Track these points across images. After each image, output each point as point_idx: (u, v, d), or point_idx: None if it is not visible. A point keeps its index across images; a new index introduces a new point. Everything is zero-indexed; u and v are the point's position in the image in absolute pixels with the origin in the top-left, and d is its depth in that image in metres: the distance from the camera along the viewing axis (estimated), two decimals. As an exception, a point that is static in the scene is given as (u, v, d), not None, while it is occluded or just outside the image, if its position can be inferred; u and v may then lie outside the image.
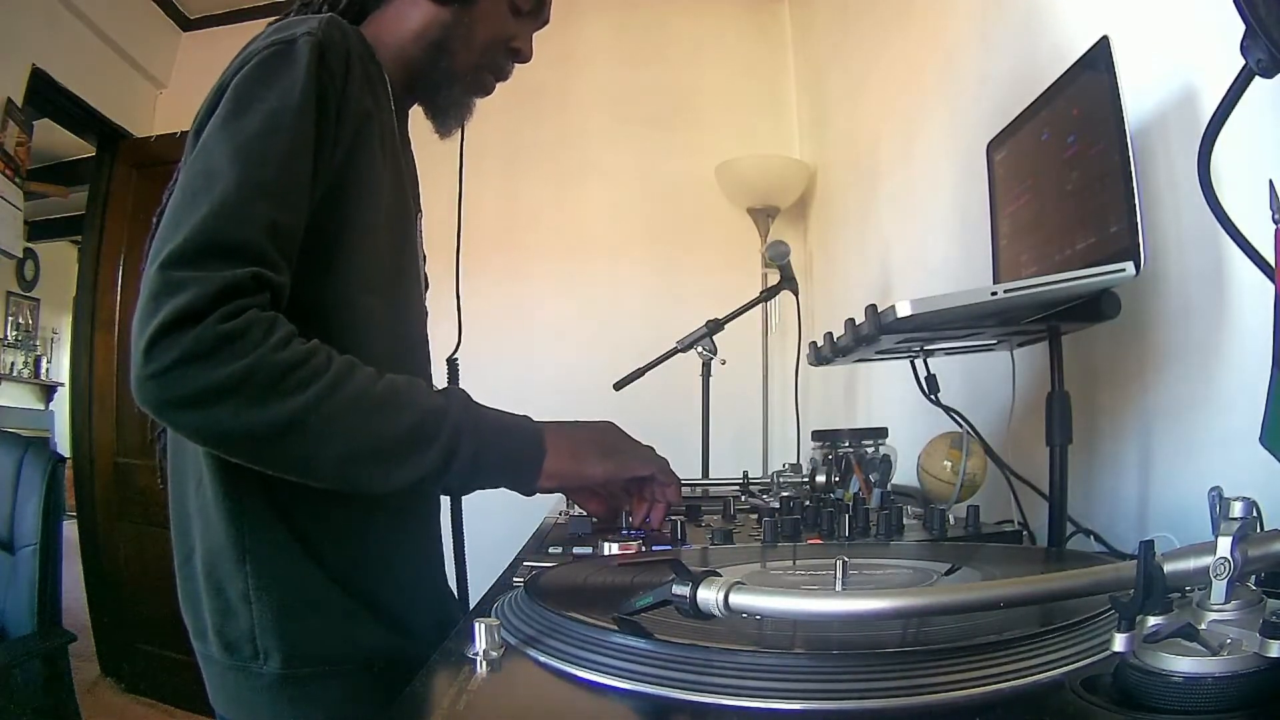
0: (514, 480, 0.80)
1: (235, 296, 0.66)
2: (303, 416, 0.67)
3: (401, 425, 0.72)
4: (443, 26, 0.89)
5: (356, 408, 0.70)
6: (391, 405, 0.72)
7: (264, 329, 0.67)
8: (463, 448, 0.74)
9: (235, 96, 0.73)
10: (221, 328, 0.64)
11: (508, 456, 0.78)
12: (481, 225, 2.86)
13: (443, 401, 0.75)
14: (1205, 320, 0.87)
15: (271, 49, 0.74)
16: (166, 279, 0.65)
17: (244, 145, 0.70)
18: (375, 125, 0.81)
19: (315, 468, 0.70)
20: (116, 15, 2.99)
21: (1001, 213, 1.12)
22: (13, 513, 1.71)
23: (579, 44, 3.10)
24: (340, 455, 0.70)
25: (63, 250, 6.59)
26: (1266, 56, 0.57)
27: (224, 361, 0.64)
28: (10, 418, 5.95)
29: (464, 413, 0.75)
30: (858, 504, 1.00)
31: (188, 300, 0.64)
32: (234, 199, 0.68)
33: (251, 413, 0.66)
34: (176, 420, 0.67)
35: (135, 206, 3.03)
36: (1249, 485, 0.48)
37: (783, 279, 1.92)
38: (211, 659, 0.78)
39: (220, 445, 0.70)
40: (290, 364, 0.67)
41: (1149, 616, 0.35)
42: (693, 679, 0.41)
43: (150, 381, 0.64)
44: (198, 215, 0.67)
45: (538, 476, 0.80)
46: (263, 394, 0.66)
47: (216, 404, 0.65)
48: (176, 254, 0.66)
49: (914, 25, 1.83)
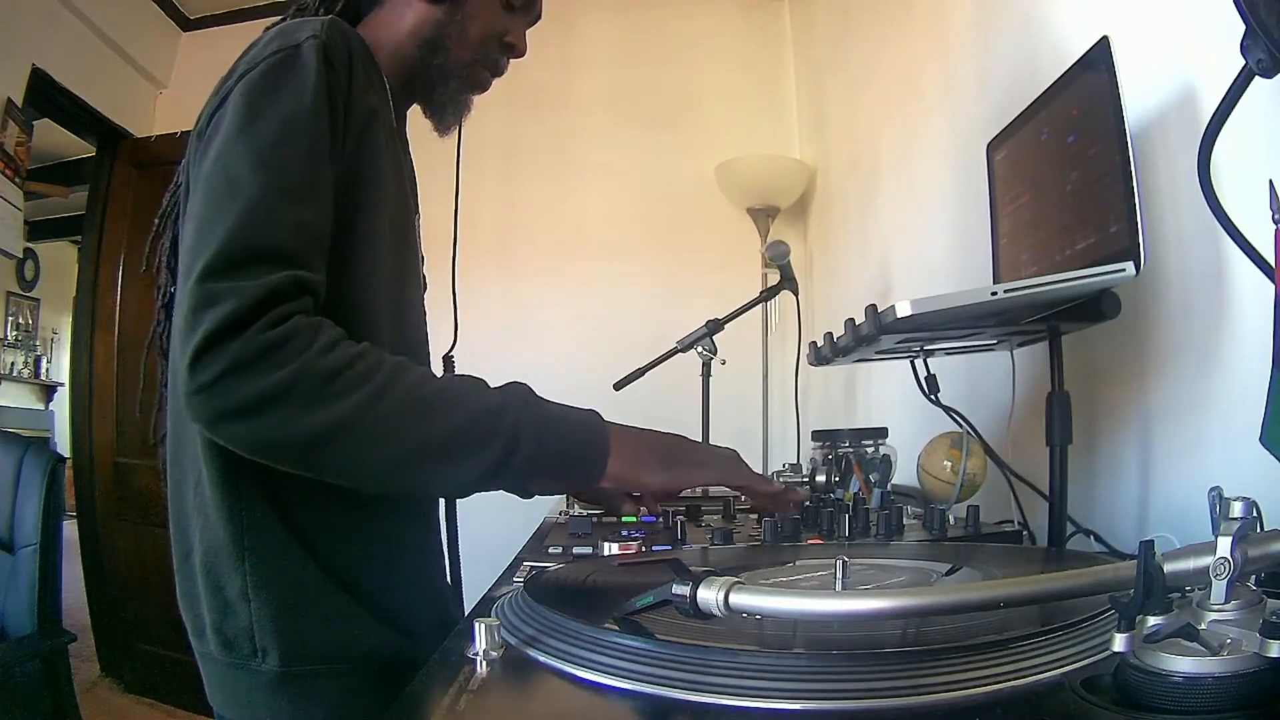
0: (576, 477, 0.78)
1: (276, 303, 0.65)
2: (353, 420, 0.66)
3: (456, 424, 0.70)
4: (436, 24, 0.90)
5: (408, 409, 0.69)
6: (445, 404, 0.71)
7: (309, 334, 0.66)
8: (523, 444, 0.71)
9: (247, 105, 0.72)
10: (265, 336, 0.64)
11: (570, 452, 0.76)
12: (481, 225, 2.87)
13: (500, 398, 0.73)
14: (1205, 320, 0.87)
15: (278, 55, 0.74)
16: (204, 292, 0.65)
17: (263, 152, 0.70)
18: (379, 124, 0.82)
19: (370, 472, 0.69)
20: (116, 15, 2.98)
21: (1001, 212, 1.12)
22: (13, 513, 1.71)
23: (578, 44, 3.10)
24: (395, 458, 0.69)
25: (63, 250, 6.59)
26: (1266, 56, 0.57)
27: (269, 369, 0.64)
28: (10, 418, 5.94)
29: (524, 408, 0.73)
30: (858, 504, 1.00)
31: (228, 311, 0.63)
32: (261, 205, 0.68)
33: (301, 419, 0.65)
34: (229, 433, 0.66)
35: (135, 206, 3.03)
36: (1249, 485, 0.48)
37: (783, 279, 1.92)
38: (210, 657, 0.78)
39: (274, 455, 0.68)
40: (337, 367, 0.66)
41: (1149, 616, 0.35)
42: (693, 679, 0.41)
43: (198, 396, 0.64)
44: (227, 225, 0.67)
45: (601, 474, 0.77)
46: (311, 399, 0.65)
47: (266, 413, 0.64)
48: (210, 266, 0.65)
49: (914, 26, 1.83)
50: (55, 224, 5.80)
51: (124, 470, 3.01)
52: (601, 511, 1.17)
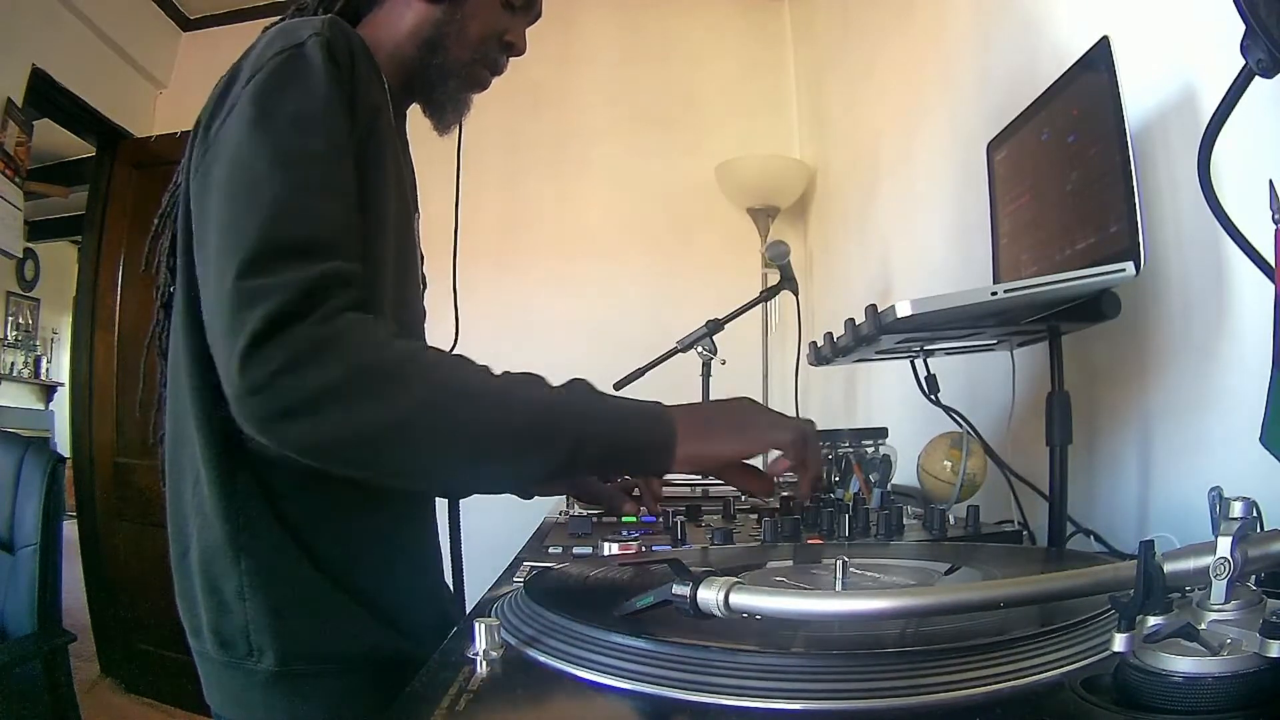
0: (646, 465, 0.76)
1: (322, 295, 0.63)
2: (415, 416, 0.64)
3: (522, 418, 0.68)
4: (435, 24, 0.89)
5: (473, 402, 0.67)
6: (510, 398, 0.68)
7: (364, 329, 0.64)
8: (589, 436, 0.69)
9: (258, 107, 0.70)
10: (319, 330, 0.62)
11: (637, 441, 0.73)
12: (480, 224, 2.86)
13: (564, 392, 0.72)
14: (1205, 320, 0.87)
15: (282, 54, 0.73)
16: (244, 290, 0.62)
17: (282, 151, 0.68)
18: (382, 122, 0.81)
19: (434, 469, 0.68)
20: (116, 15, 2.98)
21: (1001, 213, 1.12)
22: (13, 513, 1.71)
23: (579, 43, 3.10)
24: (460, 453, 0.67)
25: (63, 250, 6.59)
26: (1266, 56, 0.57)
27: (325, 365, 0.61)
28: (10, 418, 5.94)
29: (589, 400, 0.72)
30: (858, 504, 1.00)
31: (274, 307, 0.61)
32: (288, 199, 0.66)
33: (361, 415, 0.62)
34: (284, 435, 0.63)
35: (135, 206, 3.02)
36: (1249, 485, 0.48)
37: (783, 279, 1.92)
38: (207, 656, 0.78)
39: (332, 456, 0.65)
40: (397, 361, 0.64)
41: (1149, 616, 0.35)
42: (693, 679, 0.41)
43: (250, 399, 0.61)
44: (257, 222, 0.65)
45: (671, 459, 0.74)
46: (372, 395, 0.63)
47: (323, 410, 0.62)
48: (247, 263, 0.63)
49: (914, 25, 1.83)
50: (55, 224, 5.80)
51: (124, 470, 3.01)
52: (601, 511, 1.17)
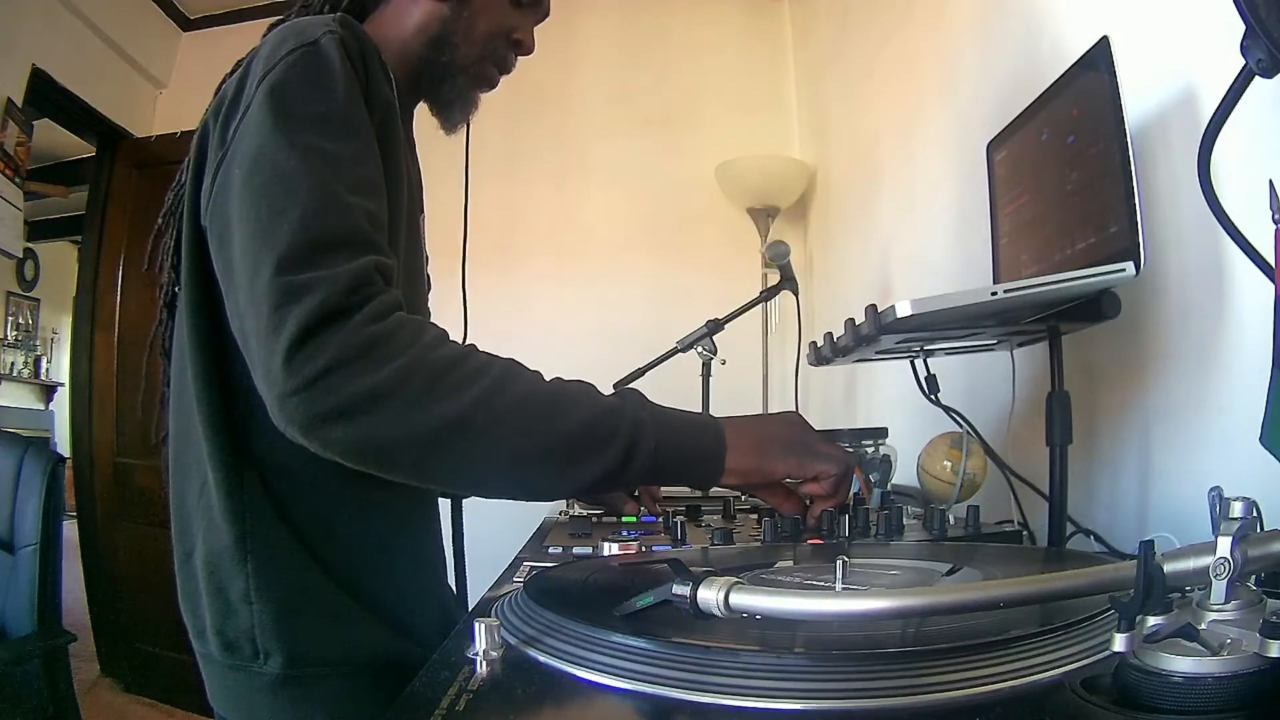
0: (696, 476, 0.75)
1: (367, 289, 0.62)
2: (470, 417, 0.62)
3: (577, 422, 0.67)
4: (442, 21, 0.89)
5: (527, 406, 0.65)
6: (565, 402, 0.67)
7: (415, 328, 0.63)
8: (643, 444, 0.69)
9: (277, 105, 0.68)
10: (371, 329, 0.60)
11: (689, 451, 0.73)
12: (481, 224, 2.85)
13: (618, 400, 0.71)
14: (1205, 320, 0.87)
15: (296, 52, 0.71)
16: (286, 285, 0.60)
17: (310, 147, 0.67)
18: (393, 120, 0.81)
19: (486, 473, 0.66)
20: (116, 15, 2.98)
21: (1001, 212, 1.12)
22: (13, 513, 1.71)
23: (579, 44, 3.10)
24: (513, 457, 0.65)
25: (63, 250, 6.59)
26: (1266, 56, 0.57)
27: (377, 363, 0.60)
28: (10, 418, 5.95)
29: (642, 409, 0.71)
30: (858, 504, 1.00)
31: (320, 301, 0.60)
32: (323, 193, 0.65)
33: (413, 417, 0.61)
34: (330, 437, 0.61)
35: (135, 206, 3.03)
36: (1249, 485, 0.48)
37: (783, 279, 1.92)
38: (211, 658, 0.78)
39: (379, 459, 0.63)
40: (450, 362, 0.63)
41: (1149, 616, 0.35)
42: (693, 679, 0.41)
43: (296, 397, 0.59)
44: (293, 216, 0.63)
45: (721, 472, 0.75)
46: (424, 395, 0.61)
47: (374, 411, 0.60)
48: (287, 257, 0.61)
49: (914, 25, 1.83)
50: (55, 224, 5.80)
51: (124, 470, 3.01)
52: (602, 511, 1.17)
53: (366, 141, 0.72)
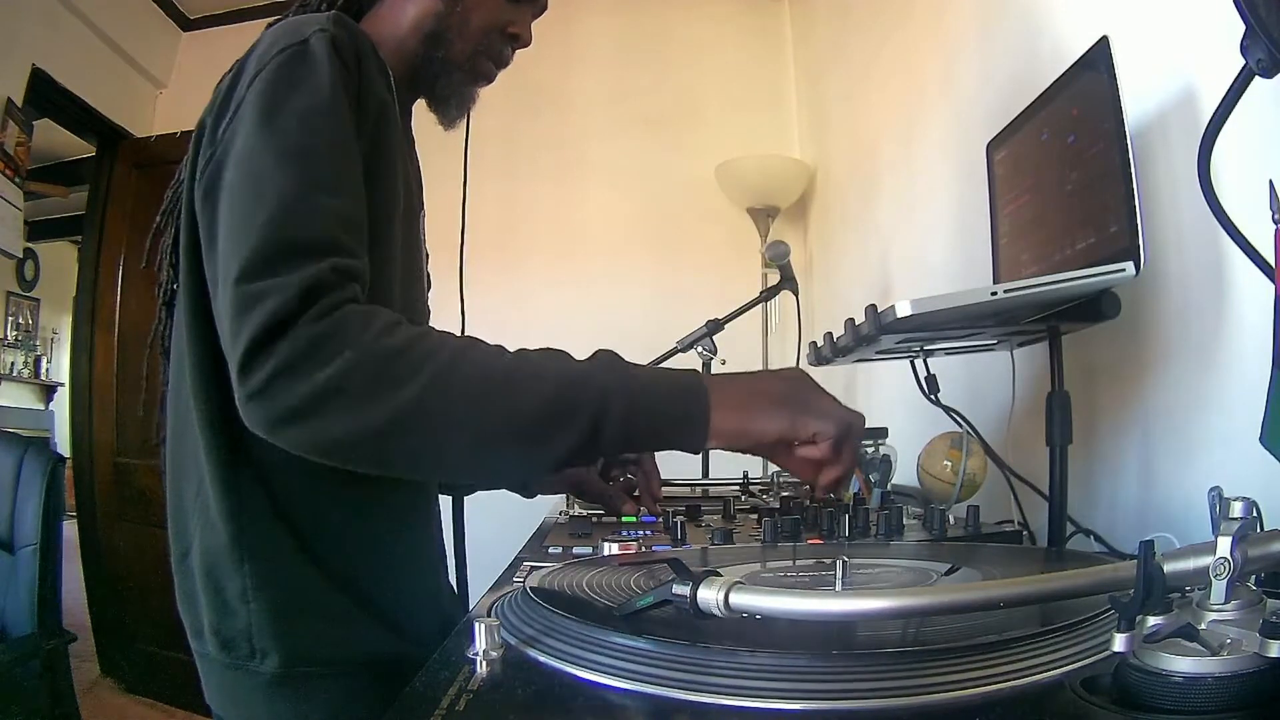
0: (678, 440, 0.70)
1: (321, 294, 0.62)
2: (421, 404, 0.62)
3: (537, 397, 0.65)
4: (436, 16, 0.89)
5: (482, 386, 0.64)
6: (524, 378, 0.65)
7: (361, 320, 0.63)
8: (611, 412, 0.66)
9: (263, 105, 0.69)
10: (313, 329, 0.61)
11: (666, 415, 0.69)
12: (481, 224, 2.84)
13: (585, 365, 0.68)
14: (1205, 320, 0.87)
15: (286, 52, 0.72)
16: (243, 294, 0.62)
17: (288, 148, 0.68)
18: (389, 118, 0.81)
19: (449, 458, 0.66)
20: (116, 15, 2.98)
21: (1001, 212, 1.12)
22: (13, 513, 1.71)
23: (579, 43, 3.10)
24: (474, 440, 0.64)
25: (63, 250, 6.59)
26: (1266, 56, 0.57)
27: (321, 363, 0.60)
28: (10, 418, 5.94)
29: (610, 373, 0.68)
30: (858, 504, 1.00)
31: (271, 309, 0.61)
32: (292, 197, 0.65)
33: (365, 409, 0.61)
34: (290, 438, 0.62)
35: (135, 206, 3.03)
36: (1249, 485, 0.48)
37: (783, 279, 1.92)
38: (208, 658, 0.78)
39: (341, 455, 0.64)
40: (396, 350, 0.63)
41: (1149, 616, 0.35)
42: (693, 679, 0.41)
43: (252, 403, 0.61)
44: (259, 222, 0.64)
45: (706, 434, 0.70)
46: (371, 387, 0.61)
47: (325, 409, 0.60)
48: (247, 267, 0.63)
49: (914, 25, 1.83)
50: (55, 224, 5.79)
51: (124, 470, 3.01)
52: (602, 511, 1.17)
53: (349, 140, 0.72)
